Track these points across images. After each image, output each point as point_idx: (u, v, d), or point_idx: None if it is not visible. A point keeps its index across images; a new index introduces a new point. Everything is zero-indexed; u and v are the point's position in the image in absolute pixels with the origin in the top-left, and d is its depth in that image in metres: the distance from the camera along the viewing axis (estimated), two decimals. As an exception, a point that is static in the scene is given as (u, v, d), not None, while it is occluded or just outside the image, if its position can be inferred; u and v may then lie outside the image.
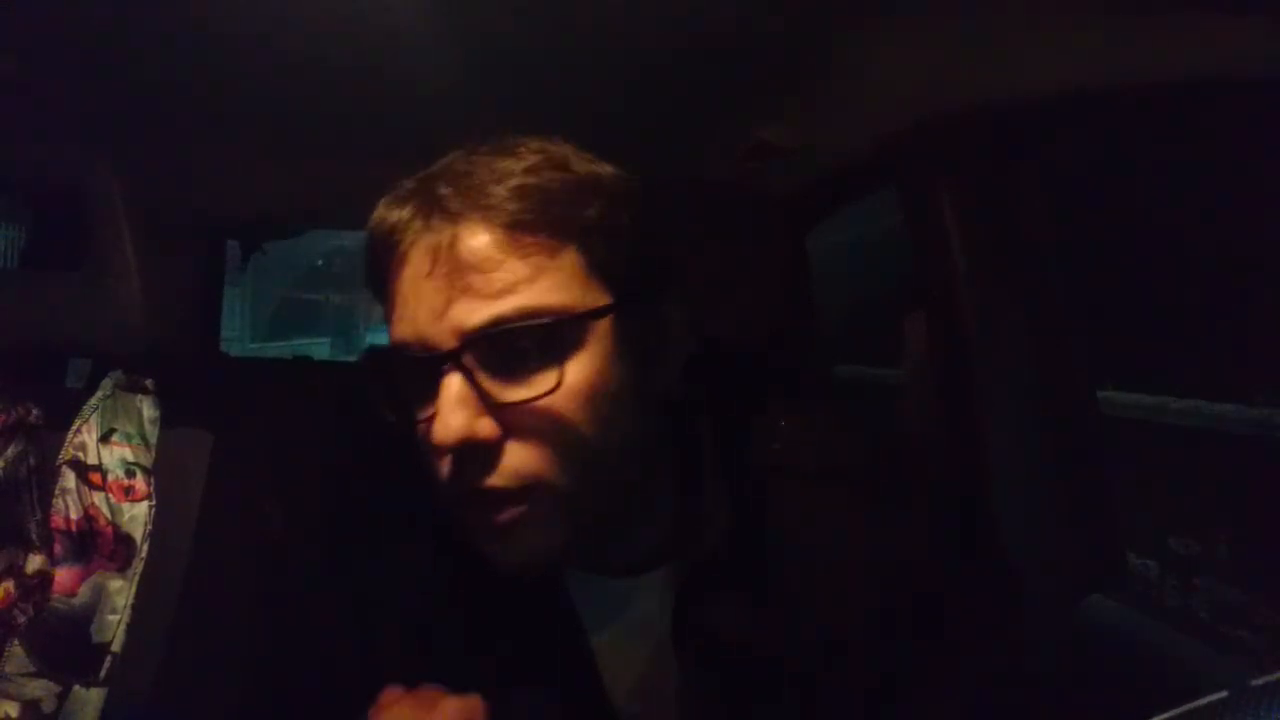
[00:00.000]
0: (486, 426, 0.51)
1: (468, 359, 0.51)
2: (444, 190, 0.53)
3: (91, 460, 0.94)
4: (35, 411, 0.93)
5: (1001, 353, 0.99)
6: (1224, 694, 0.29)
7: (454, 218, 0.52)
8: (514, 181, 0.52)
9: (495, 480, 0.52)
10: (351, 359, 2.53)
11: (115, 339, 0.97)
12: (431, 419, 0.52)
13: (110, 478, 0.94)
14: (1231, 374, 2.41)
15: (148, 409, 1.00)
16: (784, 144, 1.21)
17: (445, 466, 0.53)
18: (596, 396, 0.53)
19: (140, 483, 0.95)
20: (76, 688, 0.88)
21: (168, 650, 0.92)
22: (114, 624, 0.91)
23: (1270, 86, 0.64)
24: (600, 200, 0.54)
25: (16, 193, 1.25)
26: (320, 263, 13.71)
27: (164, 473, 0.97)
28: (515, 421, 0.52)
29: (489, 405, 0.51)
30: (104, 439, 0.95)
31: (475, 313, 0.51)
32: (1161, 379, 2.61)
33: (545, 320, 0.51)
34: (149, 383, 1.02)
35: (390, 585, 0.78)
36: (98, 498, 0.93)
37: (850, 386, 2.90)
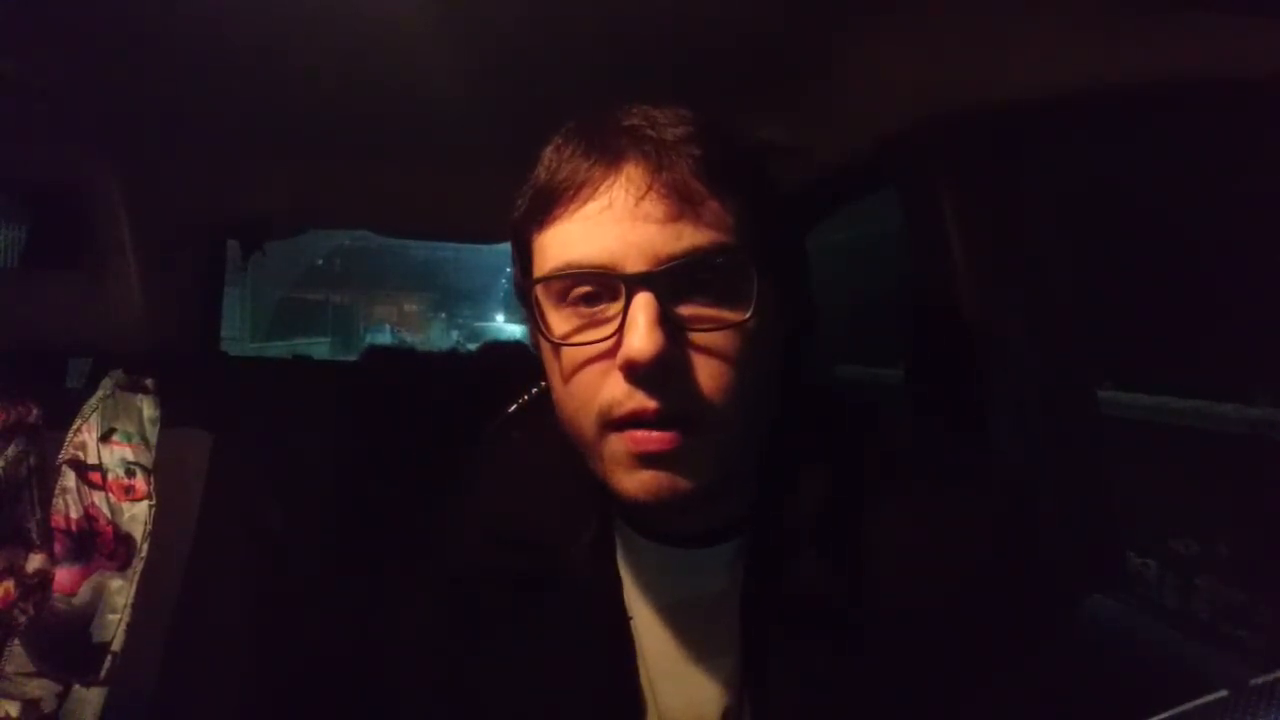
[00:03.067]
0: (674, 347, 0.54)
1: (662, 283, 0.54)
2: (642, 126, 0.56)
3: (91, 460, 0.94)
4: (35, 411, 0.93)
5: (1001, 353, 0.99)
6: (1224, 694, 0.29)
7: (660, 149, 0.55)
8: (703, 133, 0.56)
9: (668, 402, 0.54)
10: (351, 359, 2.53)
11: (115, 339, 0.97)
12: (610, 339, 0.55)
13: (110, 477, 0.94)
14: (1231, 374, 2.41)
15: (148, 408, 1.00)
16: (784, 144, 1.21)
17: (616, 387, 0.55)
18: (765, 339, 0.57)
19: (140, 482, 0.95)
20: (76, 687, 0.88)
21: (167, 650, 0.92)
22: (114, 623, 0.91)
23: (1270, 86, 0.64)
24: (755, 163, 0.60)
25: (16, 193, 1.25)
26: (320, 263, 13.71)
27: (164, 472, 0.97)
28: (697, 348, 0.55)
29: (675, 329, 0.54)
30: (104, 438, 0.96)
31: (676, 241, 0.54)
32: (1161, 379, 2.61)
33: (739, 256, 0.55)
34: (149, 382, 1.02)
35: (395, 584, 0.78)
36: (98, 497, 0.93)
37: (850, 387, 2.90)
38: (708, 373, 0.55)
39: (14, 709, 0.85)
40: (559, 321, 0.58)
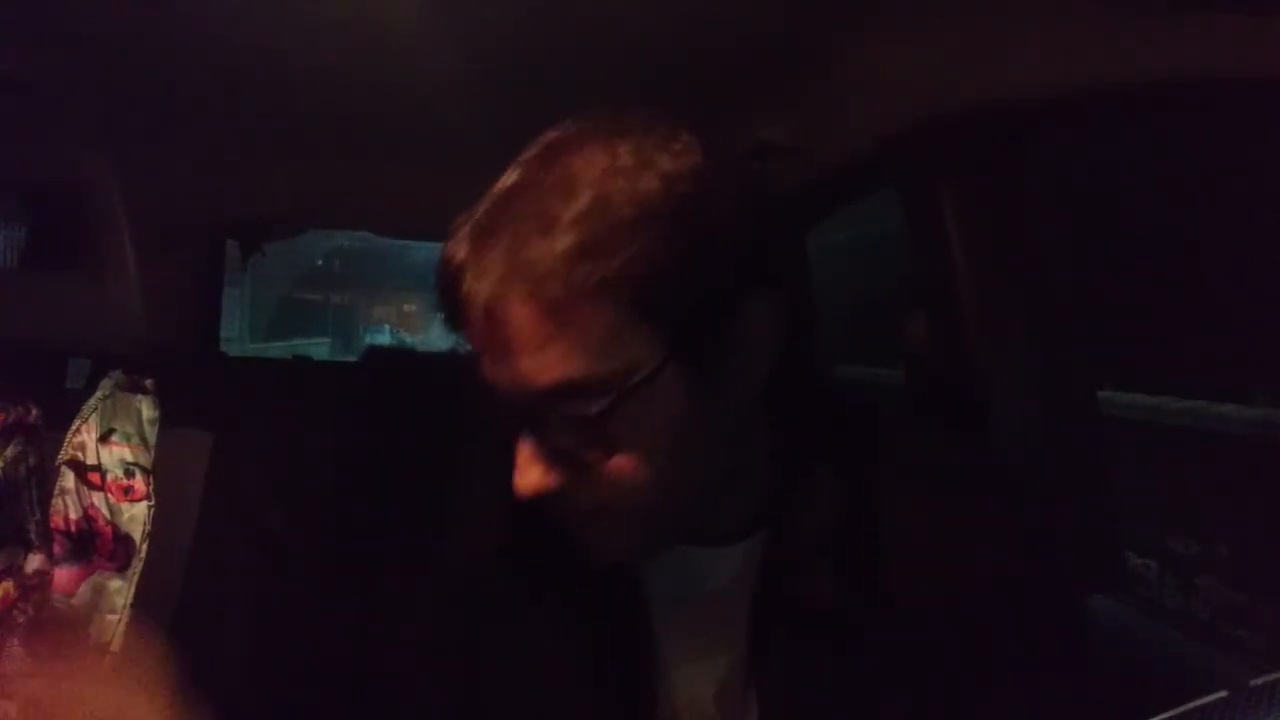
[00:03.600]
0: (552, 480, 0.53)
1: (534, 415, 0.53)
2: (490, 245, 0.52)
3: (90, 460, 0.94)
4: (35, 412, 0.93)
5: (1001, 353, 0.99)
6: (1224, 694, 0.29)
7: (497, 285, 0.51)
8: (555, 243, 0.49)
9: (571, 509, 0.55)
10: (351, 359, 2.53)
11: (115, 339, 0.97)
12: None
13: (109, 478, 0.94)
14: (1231, 374, 2.41)
15: (147, 409, 1.00)
16: (784, 144, 1.21)
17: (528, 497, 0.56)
18: (656, 445, 0.53)
19: (139, 483, 0.95)
20: (76, 688, 0.88)
21: (166, 650, 0.92)
22: (113, 624, 0.91)
23: (1270, 86, 0.64)
24: (654, 237, 0.50)
25: (16, 193, 1.25)
26: (320, 263, 13.70)
27: (163, 473, 0.97)
28: (582, 469, 0.53)
29: (557, 456, 0.53)
30: (103, 439, 0.96)
31: (522, 382, 0.51)
32: (1161, 379, 2.61)
33: (584, 390, 0.50)
34: (148, 383, 1.02)
35: (407, 574, 0.79)
36: (97, 498, 0.93)
37: (850, 387, 2.90)
38: (603, 487, 0.53)
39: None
40: None
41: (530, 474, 0.53)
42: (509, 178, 0.54)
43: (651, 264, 0.49)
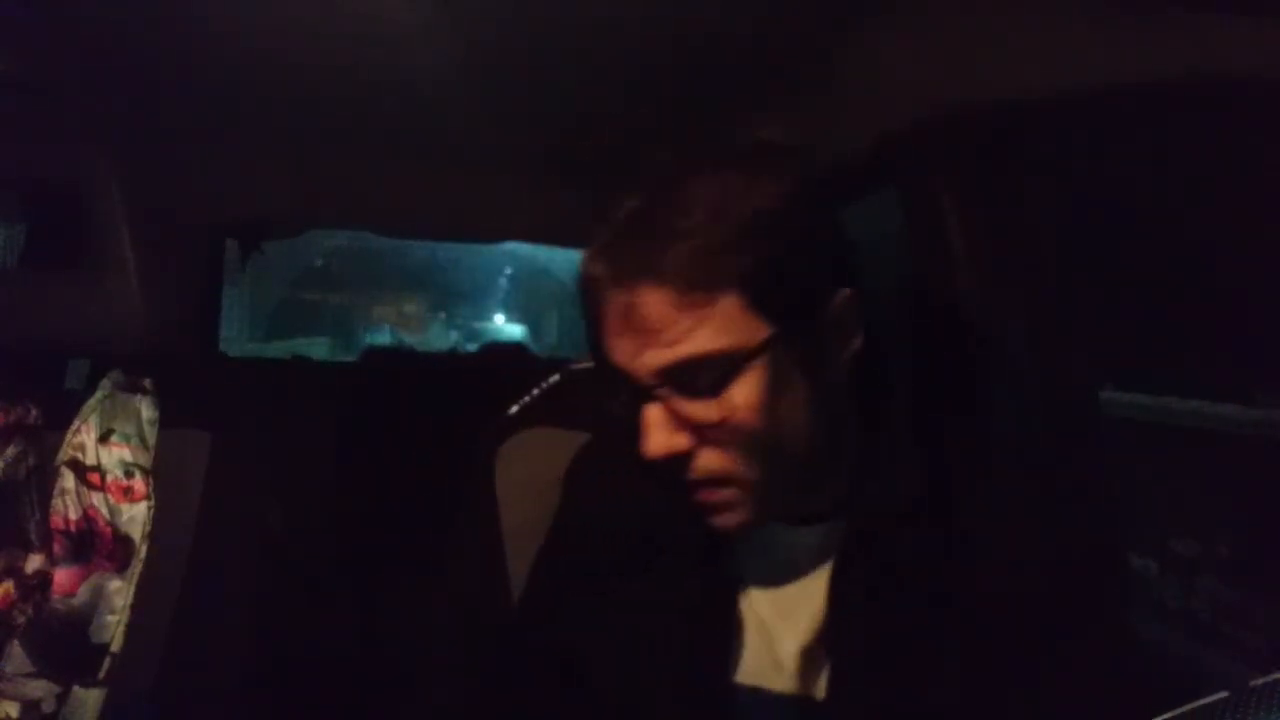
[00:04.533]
0: (681, 441, 0.64)
1: (660, 391, 0.64)
2: (624, 253, 0.64)
3: (90, 461, 0.94)
4: (34, 412, 0.93)
5: (1001, 353, 0.99)
6: (1224, 694, 0.29)
7: (633, 282, 0.63)
8: (682, 245, 0.61)
9: (693, 475, 0.65)
10: (351, 359, 2.53)
11: (115, 339, 0.97)
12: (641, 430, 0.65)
13: (109, 478, 0.94)
14: (1231, 374, 2.40)
15: (146, 409, 1.00)
16: (784, 144, 1.21)
17: (655, 466, 0.65)
18: (767, 411, 0.63)
19: (139, 483, 0.95)
20: (76, 688, 0.88)
21: (166, 651, 0.92)
22: (113, 624, 0.91)
23: (1270, 86, 0.64)
24: (761, 241, 0.62)
25: (16, 193, 1.25)
26: (320, 263, 13.67)
27: (163, 473, 0.97)
28: (703, 435, 0.64)
29: (681, 424, 0.64)
30: (103, 439, 0.95)
31: (655, 359, 0.63)
32: (1161, 379, 2.61)
33: (709, 364, 0.62)
34: (147, 383, 1.02)
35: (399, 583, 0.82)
36: (97, 498, 0.93)
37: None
38: (720, 450, 0.64)
39: (14, 709, 0.85)
40: None
41: (659, 436, 0.63)
42: (631, 203, 0.66)
43: (759, 263, 0.62)
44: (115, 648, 0.90)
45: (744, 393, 0.62)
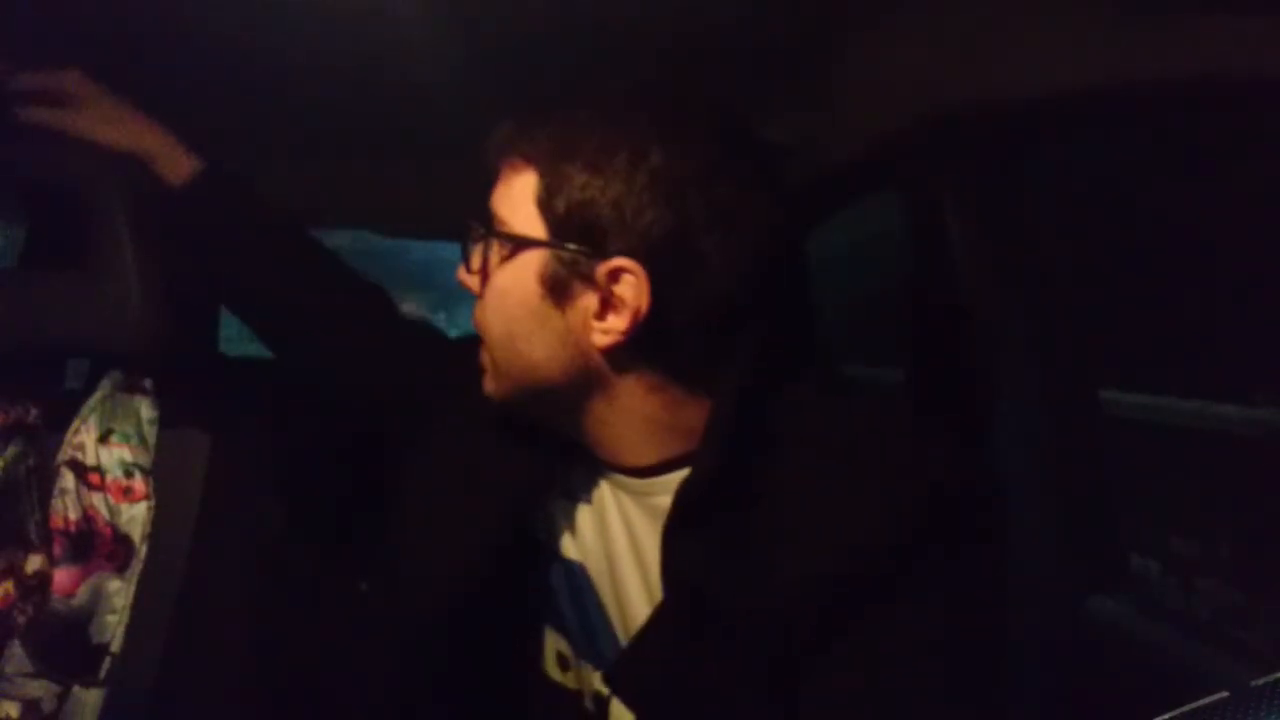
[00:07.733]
0: (469, 281, 0.73)
1: (478, 230, 0.71)
2: (538, 124, 0.68)
3: (90, 461, 0.94)
4: (34, 412, 0.93)
5: (1002, 353, 0.99)
6: (1224, 694, 0.28)
7: (514, 142, 0.69)
8: (564, 115, 0.66)
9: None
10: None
11: (114, 339, 0.97)
12: None
13: (109, 478, 0.94)
14: (1231, 374, 2.41)
15: (146, 409, 1.00)
16: (784, 144, 1.21)
17: None
18: (502, 306, 0.68)
19: (139, 483, 0.95)
20: (76, 688, 0.88)
21: (167, 651, 0.92)
22: (113, 625, 0.91)
23: (1270, 86, 0.64)
24: (605, 153, 0.62)
25: (16, 193, 1.25)
26: (320, 263, 13.70)
27: (163, 473, 0.97)
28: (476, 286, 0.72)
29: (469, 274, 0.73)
30: (102, 439, 0.95)
31: (493, 205, 0.70)
32: (1161, 379, 2.61)
33: (480, 226, 0.69)
34: (147, 383, 1.02)
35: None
36: (96, 498, 0.93)
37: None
38: (479, 307, 0.71)
39: (14, 709, 0.85)
40: None
41: (461, 267, 0.74)
42: (586, 103, 0.68)
43: (574, 167, 0.63)
44: (115, 648, 0.90)
45: (493, 268, 0.68)
